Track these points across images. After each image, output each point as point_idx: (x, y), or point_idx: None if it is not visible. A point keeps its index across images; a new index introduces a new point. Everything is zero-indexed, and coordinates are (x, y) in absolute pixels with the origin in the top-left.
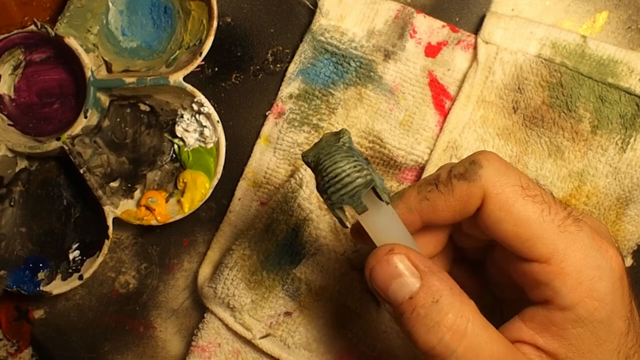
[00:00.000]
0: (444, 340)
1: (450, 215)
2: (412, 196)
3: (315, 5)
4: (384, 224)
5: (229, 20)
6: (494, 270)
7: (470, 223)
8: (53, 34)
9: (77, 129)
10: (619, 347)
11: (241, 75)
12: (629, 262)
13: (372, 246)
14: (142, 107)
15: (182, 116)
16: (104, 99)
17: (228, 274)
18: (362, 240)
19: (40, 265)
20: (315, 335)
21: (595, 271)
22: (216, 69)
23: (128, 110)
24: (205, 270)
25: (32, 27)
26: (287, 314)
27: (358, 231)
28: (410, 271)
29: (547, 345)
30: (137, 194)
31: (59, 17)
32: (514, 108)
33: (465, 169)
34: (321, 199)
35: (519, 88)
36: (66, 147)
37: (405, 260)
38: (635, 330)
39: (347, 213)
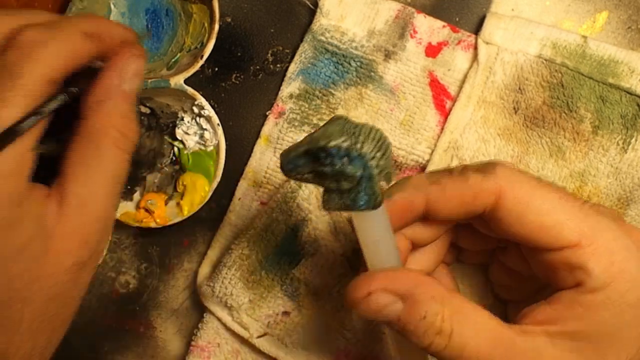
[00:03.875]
0: (434, 342)
1: (457, 204)
2: (421, 179)
3: (316, 5)
4: (376, 223)
5: (229, 20)
6: (501, 273)
7: (484, 226)
8: None
9: None
10: None
11: (241, 75)
12: None
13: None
14: (143, 109)
15: (182, 119)
16: None
17: (226, 273)
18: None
19: None
20: (314, 335)
21: (625, 252)
22: (216, 69)
23: None
24: (204, 270)
25: None
26: (285, 313)
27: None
28: (392, 299)
29: (566, 324)
30: (136, 196)
31: None
32: (514, 108)
33: (481, 165)
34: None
35: (519, 88)
36: None
37: (384, 294)
38: None
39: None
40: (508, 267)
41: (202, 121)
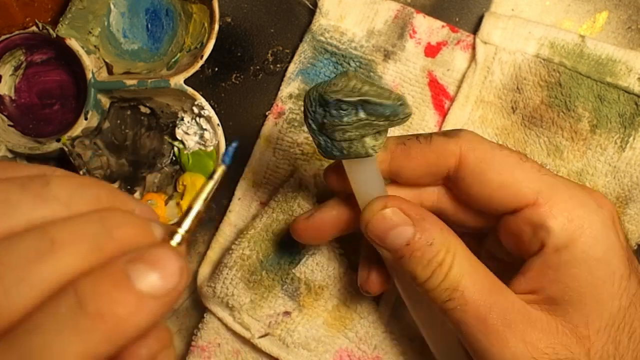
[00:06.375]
0: (435, 273)
1: (420, 165)
2: (390, 139)
3: (315, 5)
4: (367, 172)
5: (229, 20)
6: (495, 245)
7: (458, 208)
8: (54, 35)
9: (77, 130)
10: (621, 292)
11: (241, 75)
12: None
13: (343, 191)
14: (143, 109)
15: (182, 119)
16: (105, 101)
17: (227, 274)
18: (335, 184)
19: None
20: (314, 334)
21: (583, 208)
22: (216, 69)
23: (128, 113)
24: (204, 270)
25: (34, 28)
26: (286, 313)
27: (333, 175)
28: (404, 220)
29: (544, 292)
30: (136, 196)
31: (61, 19)
32: (512, 108)
33: (447, 130)
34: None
35: (517, 88)
36: (66, 149)
37: (398, 212)
38: (638, 278)
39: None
40: (499, 243)
41: (202, 121)
